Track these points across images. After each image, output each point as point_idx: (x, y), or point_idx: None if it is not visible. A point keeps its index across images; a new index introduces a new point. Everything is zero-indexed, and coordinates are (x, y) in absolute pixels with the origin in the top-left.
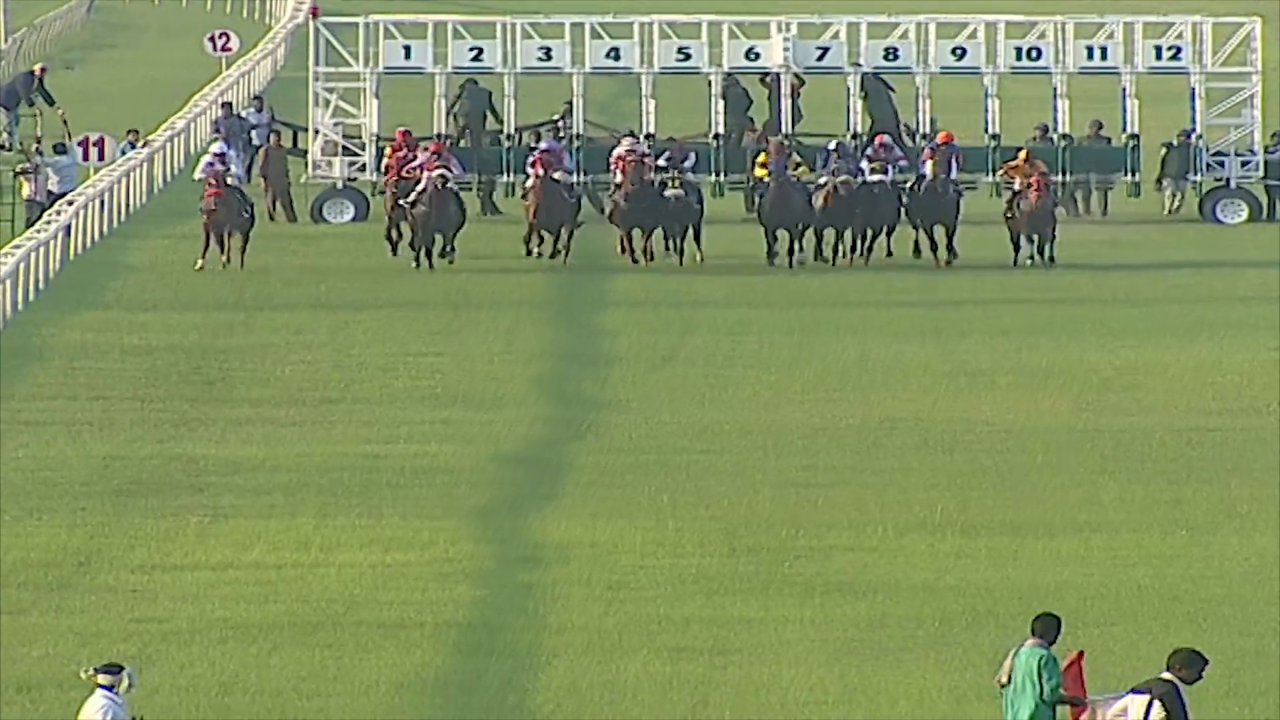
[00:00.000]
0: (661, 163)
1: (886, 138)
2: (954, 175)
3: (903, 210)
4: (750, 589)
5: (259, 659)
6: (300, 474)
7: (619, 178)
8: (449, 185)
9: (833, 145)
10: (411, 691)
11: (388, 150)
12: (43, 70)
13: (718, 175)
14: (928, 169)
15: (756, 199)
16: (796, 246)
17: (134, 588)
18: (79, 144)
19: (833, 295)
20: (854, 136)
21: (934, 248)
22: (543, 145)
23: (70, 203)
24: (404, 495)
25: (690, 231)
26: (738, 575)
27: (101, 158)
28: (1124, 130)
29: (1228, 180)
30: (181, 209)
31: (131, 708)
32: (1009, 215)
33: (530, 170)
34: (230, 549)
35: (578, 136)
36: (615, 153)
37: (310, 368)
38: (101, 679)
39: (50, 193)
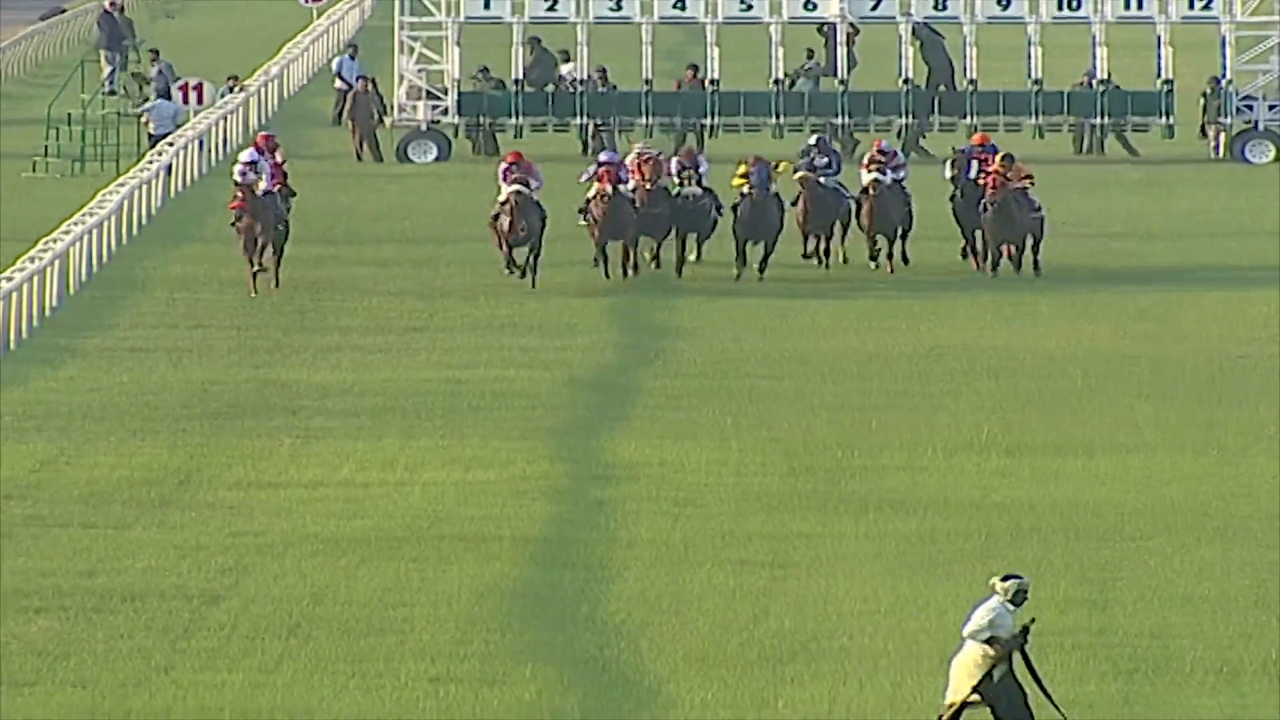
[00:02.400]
0: (674, 168)
1: (884, 142)
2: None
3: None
4: (808, 506)
5: (347, 571)
6: (386, 398)
7: (632, 183)
8: (529, 195)
9: (813, 140)
10: (490, 601)
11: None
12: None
13: (778, 118)
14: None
15: (734, 212)
16: (767, 261)
17: (231, 504)
18: (179, 89)
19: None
20: (905, 82)
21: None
22: (603, 157)
23: (171, 143)
24: (484, 417)
25: (698, 236)
26: (796, 493)
27: (200, 101)
28: (1159, 76)
29: (1256, 123)
30: None
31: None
32: (972, 211)
33: (596, 184)
34: (321, 468)
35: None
36: (628, 158)
37: (396, 298)
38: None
39: (149, 135)
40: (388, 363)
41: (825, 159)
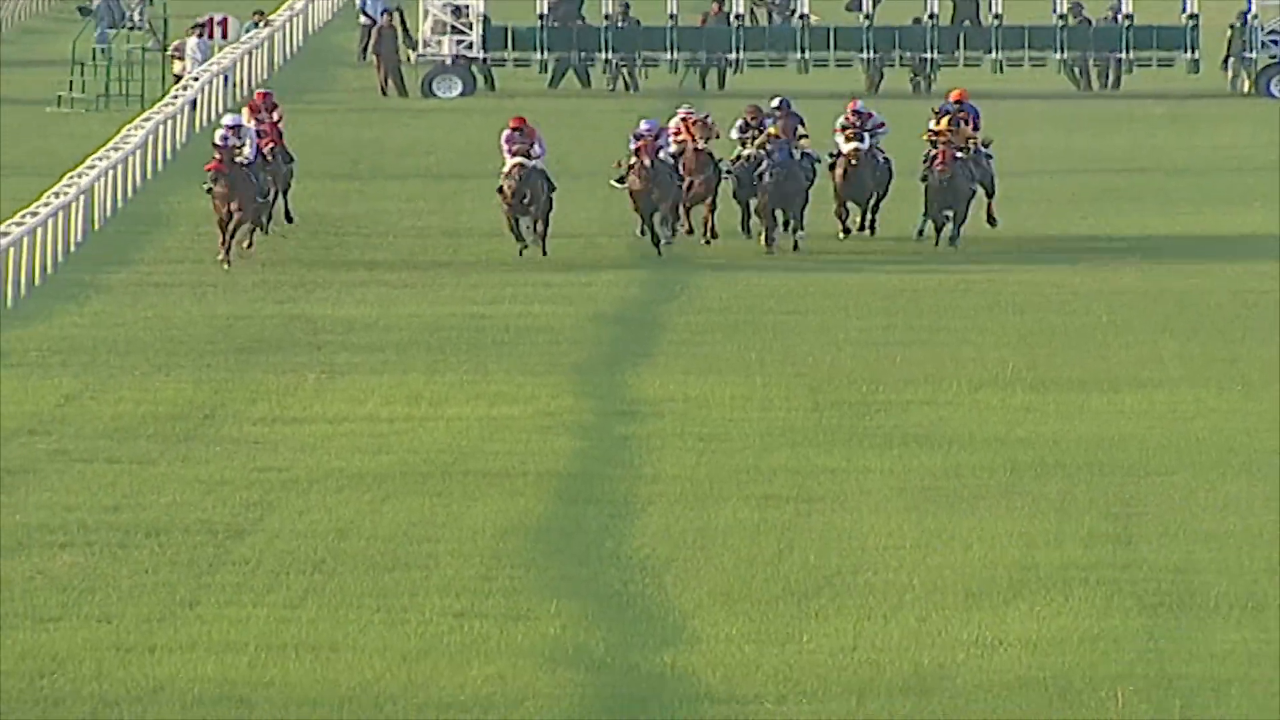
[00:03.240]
0: (735, 135)
1: (859, 103)
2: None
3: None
4: (833, 441)
5: (372, 506)
6: (411, 333)
7: (674, 146)
8: (533, 166)
9: (775, 102)
10: (515, 537)
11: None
12: None
13: (803, 53)
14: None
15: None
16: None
17: (255, 439)
18: (204, 24)
19: (912, 166)
20: (930, 17)
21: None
22: (643, 126)
23: (196, 78)
24: (509, 352)
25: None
26: (821, 428)
27: (225, 36)
28: (1184, 11)
29: None
30: (301, 85)
31: None
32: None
33: (633, 154)
34: (345, 403)
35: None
36: (673, 120)
37: (420, 233)
38: None
39: (175, 76)
40: (412, 298)
41: (794, 123)
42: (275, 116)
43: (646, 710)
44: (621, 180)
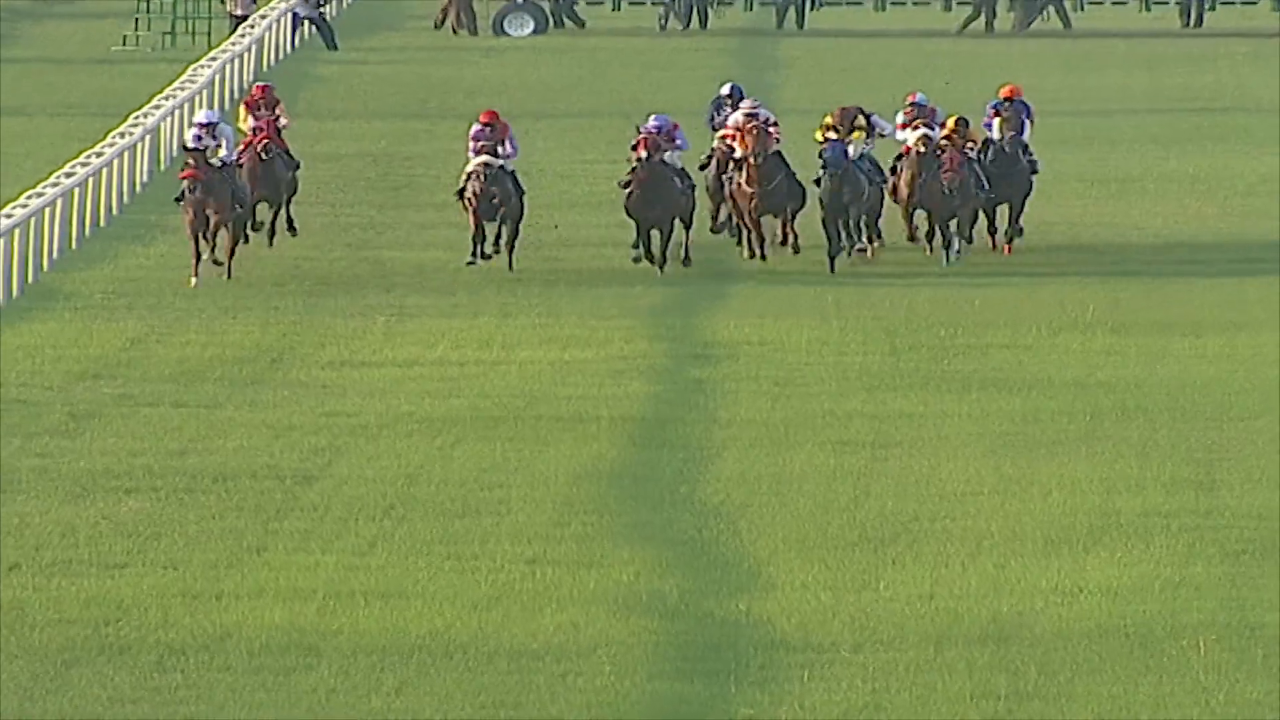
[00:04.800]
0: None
1: (920, 95)
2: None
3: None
4: (910, 385)
5: (443, 451)
6: (483, 275)
7: (738, 150)
8: (499, 166)
9: (726, 90)
10: (588, 482)
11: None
12: None
13: None
14: (994, 129)
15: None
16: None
17: (324, 383)
18: None
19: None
20: None
21: (992, 229)
22: (652, 123)
23: (263, 16)
24: (581, 295)
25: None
26: (898, 372)
27: None
28: None
29: None
30: (371, 24)
31: None
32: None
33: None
34: (416, 346)
35: None
36: (733, 118)
37: None
38: None
39: (231, 16)
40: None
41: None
42: (276, 114)
43: (721, 658)
44: (628, 184)
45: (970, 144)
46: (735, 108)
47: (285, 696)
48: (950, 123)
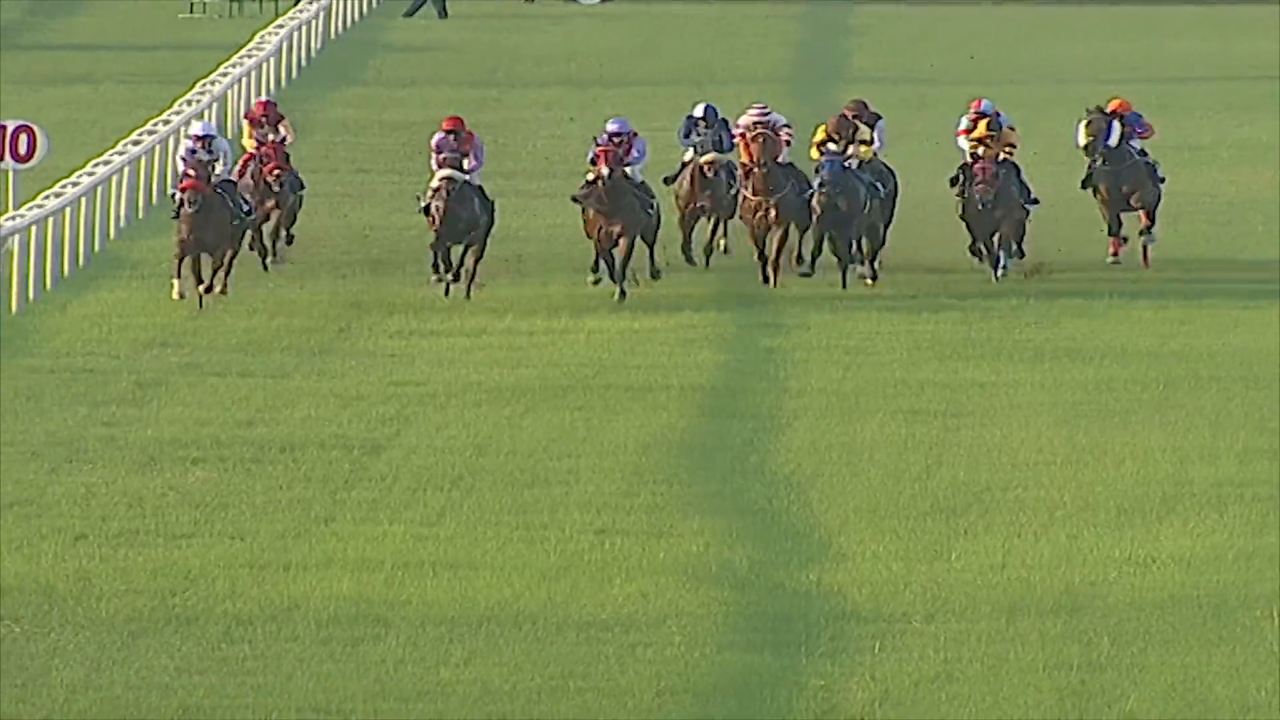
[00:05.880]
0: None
1: (985, 102)
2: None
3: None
4: (982, 354)
5: (511, 420)
6: (552, 243)
7: (744, 156)
8: (464, 181)
9: (700, 111)
10: (658, 451)
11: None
12: None
13: None
14: (1114, 136)
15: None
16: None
17: (392, 352)
18: None
19: (1057, 72)
20: None
21: (1118, 232)
22: (611, 126)
23: None
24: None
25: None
26: (970, 341)
27: None
28: None
29: None
30: None
31: None
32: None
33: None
34: (484, 316)
35: None
36: (741, 121)
37: (560, 142)
38: None
39: None
40: (552, 208)
41: (713, 133)
42: (281, 133)
43: (791, 629)
44: (581, 198)
45: (1009, 148)
46: (709, 128)
47: (353, 667)
48: (981, 127)
